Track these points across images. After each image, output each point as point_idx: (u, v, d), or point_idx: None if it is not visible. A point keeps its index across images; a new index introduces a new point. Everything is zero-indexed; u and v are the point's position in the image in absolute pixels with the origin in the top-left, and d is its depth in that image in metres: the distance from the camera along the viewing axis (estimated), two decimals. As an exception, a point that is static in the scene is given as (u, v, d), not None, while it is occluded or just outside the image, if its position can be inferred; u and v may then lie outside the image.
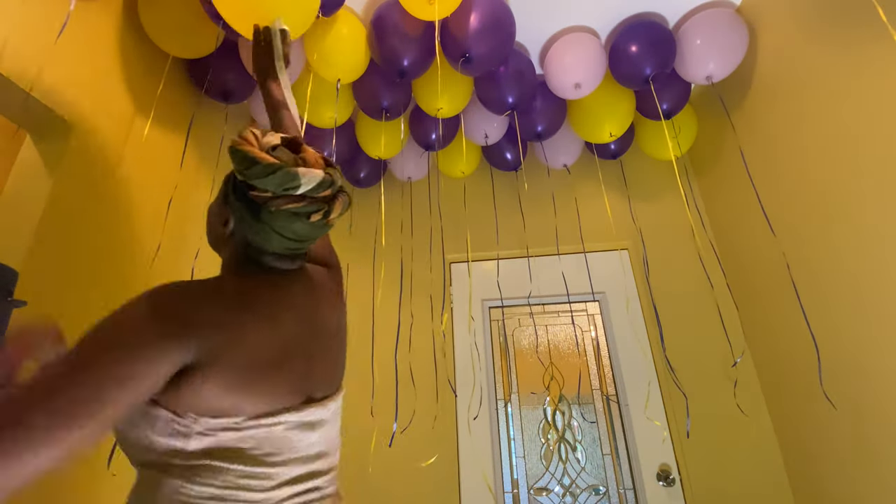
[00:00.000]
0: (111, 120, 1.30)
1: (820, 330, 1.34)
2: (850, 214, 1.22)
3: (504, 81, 1.64)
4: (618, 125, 1.78)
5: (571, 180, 2.15)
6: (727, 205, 1.84)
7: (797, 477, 1.54)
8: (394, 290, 2.09)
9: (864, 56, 1.16)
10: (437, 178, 2.26)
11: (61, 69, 1.18)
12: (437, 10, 1.33)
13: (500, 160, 2.05)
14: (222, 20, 1.28)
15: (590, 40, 1.62)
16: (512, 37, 1.52)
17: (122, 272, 1.31)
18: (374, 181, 2.16)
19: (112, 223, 1.29)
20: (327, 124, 1.71)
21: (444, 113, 1.70)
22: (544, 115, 1.79)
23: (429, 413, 1.85)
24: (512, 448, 1.85)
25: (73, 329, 1.15)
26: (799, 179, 1.41)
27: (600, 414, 1.84)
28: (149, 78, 1.46)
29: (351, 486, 1.89)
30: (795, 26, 1.38)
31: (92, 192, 1.24)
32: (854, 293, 1.24)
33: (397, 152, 1.96)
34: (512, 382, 1.95)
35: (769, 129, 1.54)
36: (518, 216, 2.10)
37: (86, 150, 1.21)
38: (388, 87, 1.66)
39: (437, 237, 2.10)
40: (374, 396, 1.86)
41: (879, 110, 1.12)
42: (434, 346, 1.92)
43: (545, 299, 2.01)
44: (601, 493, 1.73)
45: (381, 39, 1.49)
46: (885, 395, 1.17)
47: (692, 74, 1.60)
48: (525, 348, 1.99)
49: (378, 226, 2.19)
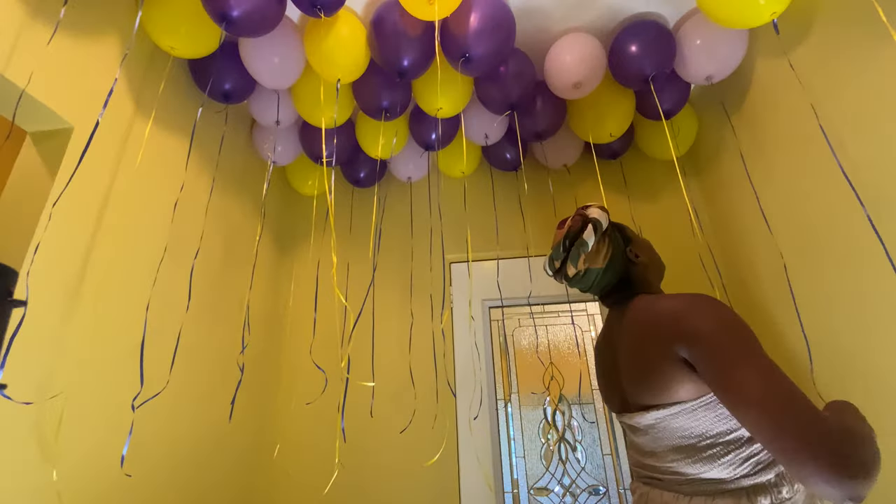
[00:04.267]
0: (111, 120, 1.30)
1: (818, 330, 1.34)
2: (850, 214, 1.22)
3: (504, 81, 1.64)
4: (618, 125, 1.78)
5: (571, 180, 2.15)
6: (726, 205, 1.84)
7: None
8: (394, 290, 2.09)
9: (864, 56, 1.16)
10: (437, 178, 2.27)
11: (61, 69, 1.18)
12: (437, 10, 1.33)
13: (500, 160, 2.05)
14: (224, 21, 1.28)
15: (590, 40, 1.62)
16: (512, 37, 1.52)
17: (123, 272, 1.31)
18: (373, 181, 2.16)
19: (112, 223, 1.29)
20: (327, 124, 1.71)
21: (444, 113, 1.70)
22: (544, 115, 1.79)
23: (429, 413, 1.85)
24: (512, 448, 1.85)
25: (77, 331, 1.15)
26: (798, 180, 1.41)
27: (600, 414, 1.84)
28: (149, 78, 1.46)
29: (351, 486, 1.90)
30: (795, 26, 1.38)
31: (92, 192, 1.24)
32: (854, 293, 1.24)
33: (397, 152, 1.97)
34: (512, 382, 1.95)
35: (769, 129, 1.54)
36: (518, 216, 2.10)
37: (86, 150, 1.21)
38: (388, 87, 1.66)
39: (437, 237, 2.10)
40: (374, 396, 1.86)
41: (879, 110, 1.12)
42: (434, 346, 1.92)
43: (545, 299, 2.01)
44: (601, 493, 1.73)
45: (381, 39, 1.49)
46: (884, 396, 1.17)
47: (692, 74, 1.60)
48: (525, 348, 1.99)
49: (378, 226, 2.19)
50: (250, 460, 1.81)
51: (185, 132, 1.59)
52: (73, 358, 1.14)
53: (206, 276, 1.63)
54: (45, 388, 1.06)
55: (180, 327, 1.45)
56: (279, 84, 1.61)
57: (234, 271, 1.82)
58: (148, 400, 1.30)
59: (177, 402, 1.45)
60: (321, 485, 1.68)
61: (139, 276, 1.36)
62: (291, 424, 1.97)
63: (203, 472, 1.56)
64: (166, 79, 1.51)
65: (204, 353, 1.61)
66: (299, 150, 2.01)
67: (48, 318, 1.09)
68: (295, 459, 1.91)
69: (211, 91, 1.59)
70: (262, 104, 1.78)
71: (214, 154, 1.77)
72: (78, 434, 1.13)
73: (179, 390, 1.44)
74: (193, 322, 1.53)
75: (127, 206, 1.34)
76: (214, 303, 1.69)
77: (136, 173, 1.37)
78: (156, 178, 1.46)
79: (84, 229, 1.21)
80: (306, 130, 1.92)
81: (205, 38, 1.43)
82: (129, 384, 1.27)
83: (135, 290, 1.34)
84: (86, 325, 1.18)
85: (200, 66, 1.59)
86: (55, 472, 1.06)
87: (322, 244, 2.18)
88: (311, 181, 2.15)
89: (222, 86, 1.60)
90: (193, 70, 1.63)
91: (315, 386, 1.95)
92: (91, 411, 1.18)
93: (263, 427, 1.91)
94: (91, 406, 1.18)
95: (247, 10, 1.29)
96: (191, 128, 1.59)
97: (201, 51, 1.47)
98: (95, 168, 1.24)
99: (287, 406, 2.00)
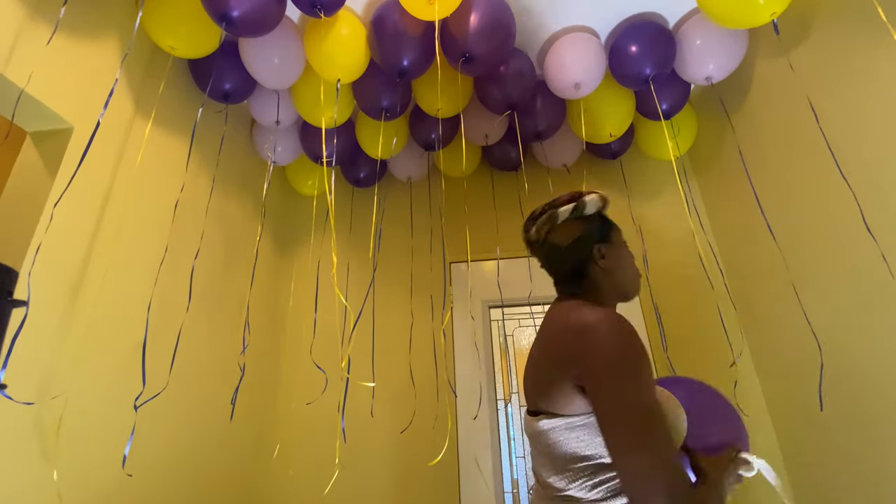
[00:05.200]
0: (111, 120, 1.30)
1: (818, 330, 1.34)
2: (850, 214, 1.22)
3: (504, 81, 1.64)
4: (618, 125, 1.78)
5: (571, 180, 2.15)
6: (726, 205, 1.84)
7: (797, 475, 1.54)
8: (394, 290, 2.09)
9: (863, 56, 1.16)
10: (437, 178, 2.27)
11: (61, 69, 1.18)
12: (437, 10, 1.33)
13: (500, 160, 2.05)
14: (224, 21, 1.28)
15: (590, 40, 1.62)
16: (512, 37, 1.52)
17: (124, 272, 1.31)
18: (373, 181, 2.16)
19: (112, 223, 1.29)
20: (327, 124, 1.71)
21: (444, 113, 1.70)
22: (544, 115, 1.79)
23: (429, 413, 1.85)
24: (512, 448, 1.85)
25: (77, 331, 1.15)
26: (798, 180, 1.42)
27: (600, 414, 1.84)
28: (149, 78, 1.46)
29: (351, 487, 1.90)
30: (795, 26, 1.38)
31: (92, 192, 1.24)
32: (854, 293, 1.24)
33: (397, 152, 1.97)
34: (512, 382, 1.95)
35: (768, 129, 1.54)
36: (518, 216, 2.10)
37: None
38: (388, 87, 1.66)
39: (438, 237, 2.10)
40: (374, 396, 1.86)
41: (879, 110, 1.12)
42: (434, 346, 1.92)
43: (545, 299, 2.01)
44: (601, 493, 1.73)
45: (381, 39, 1.49)
46: (886, 396, 1.17)
47: (692, 75, 1.60)
48: (525, 348, 1.99)
49: (378, 226, 2.19)
50: (250, 460, 1.81)
51: (185, 132, 1.59)
52: (73, 358, 1.14)
53: (206, 276, 1.63)
54: (45, 388, 1.06)
55: (180, 327, 1.45)
56: (279, 84, 1.61)
57: (234, 271, 1.82)
58: (149, 399, 1.30)
59: (177, 402, 1.45)
60: (321, 485, 1.68)
61: (139, 276, 1.36)
62: (291, 424, 1.97)
63: (203, 472, 1.56)
64: (166, 79, 1.51)
65: (204, 353, 1.61)
66: (299, 150, 2.01)
67: (49, 318, 1.09)
68: (295, 459, 1.91)
69: (211, 91, 1.59)
70: (262, 104, 1.78)
71: (214, 154, 1.77)
72: (78, 434, 1.13)
73: (179, 390, 1.44)
74: (194, 322, 1.53)
75: (127, 206, 1.34)
76: (215, 303, 1.69)
77: (136, 173, 1.37)
78: (156, 179, 1.46)
79: (84, 229, 1.21)
80: (306, 130, 1.92)
81: (205, 38, 1.43)
82: (130, 384, 1.27)
83: (135, 290, 1.34)
84: (86, 325, 1.18)
85: (200, 66, 1.59)
86: (56, 472, 1.06)
87: (322, 244, 2.18)
88: (311, 181, 2.15)
89: (222, 86, 1.60)
90: (193, 70, 1.63)
91: (315, 386, 1.95)
92: (91, 411, 1.18)
93: (263, 427, 1.91)
94: (91, 406, 1.18)
95: (247, 10, 1.29)
96: (191, 128, 1.58)
97: (201, 51, 1.47)
98: (95, 168, 1.24)
99: (287, 406, 1.99)
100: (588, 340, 0.74)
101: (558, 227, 0.91)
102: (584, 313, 0.79)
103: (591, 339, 0.74)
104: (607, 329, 0.73)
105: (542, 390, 0.81)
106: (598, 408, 0.71)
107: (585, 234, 0.89)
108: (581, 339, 0.75)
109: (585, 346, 0.74)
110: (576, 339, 0.76)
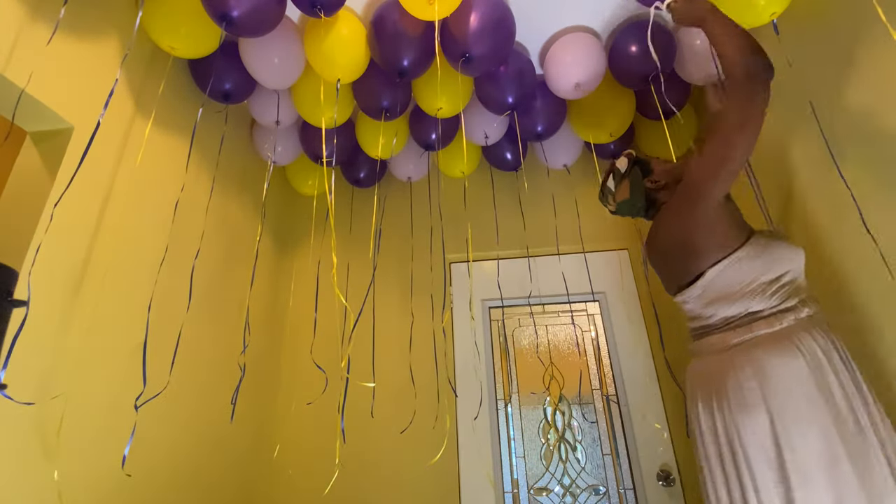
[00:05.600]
0: (111, 120, 1.30)
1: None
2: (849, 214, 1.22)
3: (504, 81, 1.64)
4: (618, 125, 1.78)
5: (571, 180, 2.15)
6: (727, 205, 1.84)
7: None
8: (394, 290, 2.09)
9: (863, 56, 1.16)
10: (437, 178, 2.27)
11: (61, 69, 1.18)
12: (437, 10, 1.33)
13: (500, 160, 2.05)
14: (224, 21, 1.28)
15: (590, 40, 1.62)
16: (512, 37, 1.52)
17: (124, 272, 1.31)
18: (373, 181, 2.16)
19: (112, 223, 1.29)
20: (327, 124, 1.71)
21: (444, 113, 1.70)
22: (544, 115, 1.79)
23: (429, 413, 1.85)
24: (512, 448, 1.85)
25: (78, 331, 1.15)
26: (797, 180, 1.41)
27: (600, 414, 1.84)
28: (149, 78, 1.46)
29: (351, 487, 1.90)
30: (794, 27, 1.38)
31: (92, 192, 1.24)
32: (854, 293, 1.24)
33: (397, 152, 1.97)
34: (512, 382, 1.95)
35: (767, 129, 1.54)
36: (518, 216, 2.10)
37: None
38: (388, 87, 1.66)
39: (438, 237, 2.10)
40: (374, 397, 1.86)
41: (879, 110, 1.12)
42: (434, 346, 1.92)
43: (545, 299, 2.01)
44: (601, 493, 1.73)
45: (381, 39, 1.49)
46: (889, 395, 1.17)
47: (692, 75, 1.60)
48: (525, 348, 2.00)
49: (378, 226, 2.19)
50: (250, 460, 1.81)
51: (186, 132, 1.59)
52: (73, 358, 1.14)
53: (206, 276, 1.63)
54: (46, 388, 1.06)
55: (181, 327, 1.45)
56: (279, 84, 1.61)
57: (235, 271, 1.82)
58: (150, 399, 1.30)
59: (177, 403, 1.45)
60: (321, 485, 1.68)
61: (139, 276, 1.36)
62: (291, 424, 1.97)
63: (203, 472, 1.56)
64: (166, 79, 1.51)
65: (204, 353, 1.61)
66: (299, 150, 2.01)
67: (49, 318, 1.09)
68: (295, 459, 1.91)
69: (211, 91, 1.59)
70: (262, 104, 1.78)
71: (214, 154, 1.77)
72: (79, 434, 1.13)
73: (180, 390, 1.44)
74: (194, 322, 1.53)
75: (127, 206, 1.34)
76: (215, 303, 1.69)
77: (136, 173, 1.37)
78: (156, 179, 1.46)
79: (84, 229, 1.21)
80: (306, 130, 1.92)
81: (205, 38, 1.43)
82: (130, 384, 1.27)
83: (135, 290, 1.34)
84: (86, 325, 1.18)
85: (200, 66, 1.59)
86: (56, 472, 1.06)
87: (322, 244, 2.18)
88: (311, 181, 2.15)
89: (222, 86, 1.60)
90: (193, 70, 1.63)
91: (315, 386, 1.95)
92: (92, 411, 1.18)
93: (263, 427, 1.91)
94: (92, 406, 1.18)
95: (247, 10, 1.29)
96: (191, 128, 1.58)
97: (201, 51, 1.47)
98: (95, 168, 1.24)
99: (287, 406, 2.00)
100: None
101: (618, 190, 1.27)
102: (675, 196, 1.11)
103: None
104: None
105: (696, 246, 1.04)
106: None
107: (634, 181, 1.24)
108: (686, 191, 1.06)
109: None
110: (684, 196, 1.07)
